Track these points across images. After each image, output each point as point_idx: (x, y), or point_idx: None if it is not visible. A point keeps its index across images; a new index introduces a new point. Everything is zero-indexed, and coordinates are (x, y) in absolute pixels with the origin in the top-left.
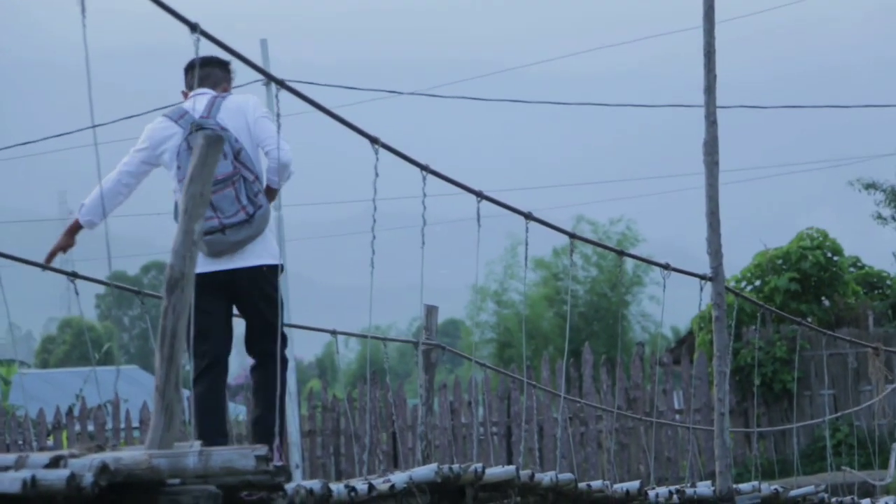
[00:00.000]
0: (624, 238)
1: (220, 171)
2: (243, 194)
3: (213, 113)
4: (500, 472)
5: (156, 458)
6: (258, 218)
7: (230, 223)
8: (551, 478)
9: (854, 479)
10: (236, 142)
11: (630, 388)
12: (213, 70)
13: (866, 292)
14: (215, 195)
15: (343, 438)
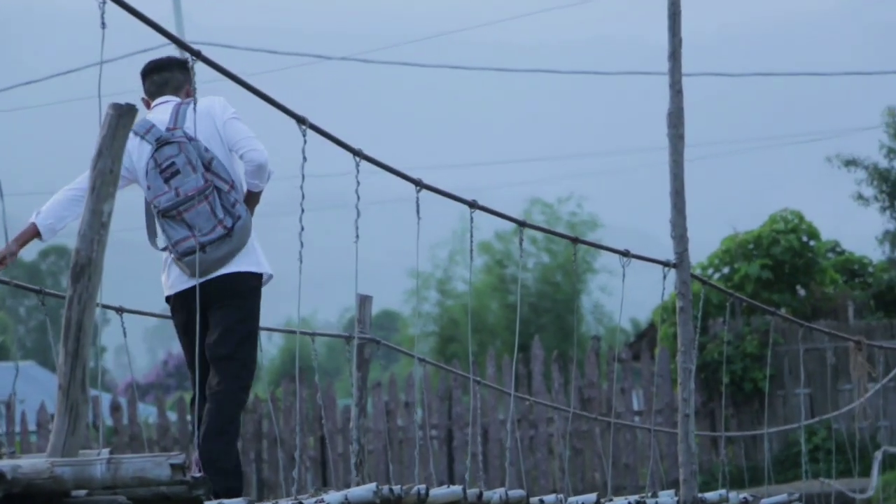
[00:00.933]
0: (575, 219)
1: (190, 186)
2: (219, 207)
3: (178, 122)
4: (446, 494)
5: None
6: (238, 230)
7: (208, 240)
8: (500, 496)
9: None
10: (206, 151)
11: (584, 387)
12: (173, 74)
13: (846, 280)
14: (188, 213)
15: (266, 443)
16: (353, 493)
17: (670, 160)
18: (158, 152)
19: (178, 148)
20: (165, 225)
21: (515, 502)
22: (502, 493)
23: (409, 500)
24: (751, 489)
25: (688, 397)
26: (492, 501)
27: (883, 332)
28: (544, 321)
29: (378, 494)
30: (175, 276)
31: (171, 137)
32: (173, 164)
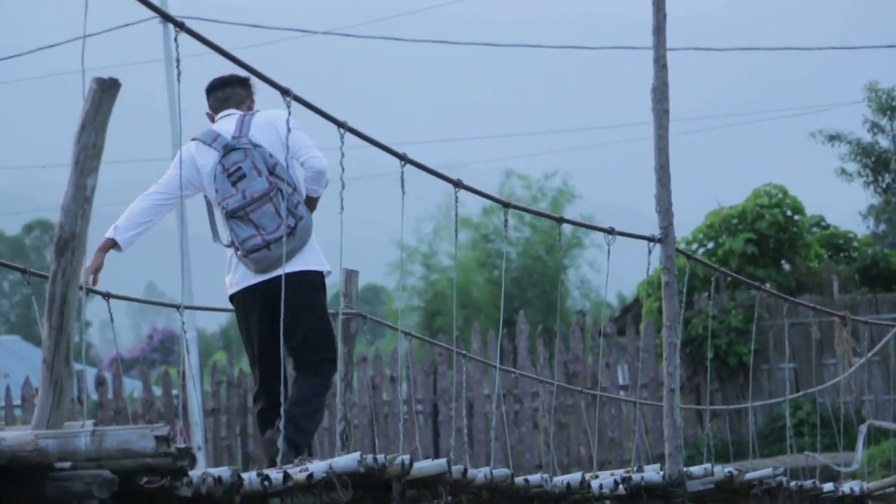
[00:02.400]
0: (560, 195)
1: (256, 189)
2: (282, 208)
3: (244, 132)
4: (430, 467)
5: (43, 440)
6: (300, 230)
7: (273, 238)
8: (486, 474)
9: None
10: (270, 157)
11: (570, 362)
12: (235, 90)
13: (831, 255)
14: (254, 213)
15: (250, 418)
16: (337, 463)
17: (655, 135)
18: (226, 158)
19: (244, 154)
20: (233, 224)
21: (500, 481)
22: (487, 471)
23: (393, 470)
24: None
25: (673, 372)
26: (476, 479)
27: (867, 306)
28: (530, 296)
29: (362, 464)
30: (241, 273)
31: (238, 144)
32: (240, 169)
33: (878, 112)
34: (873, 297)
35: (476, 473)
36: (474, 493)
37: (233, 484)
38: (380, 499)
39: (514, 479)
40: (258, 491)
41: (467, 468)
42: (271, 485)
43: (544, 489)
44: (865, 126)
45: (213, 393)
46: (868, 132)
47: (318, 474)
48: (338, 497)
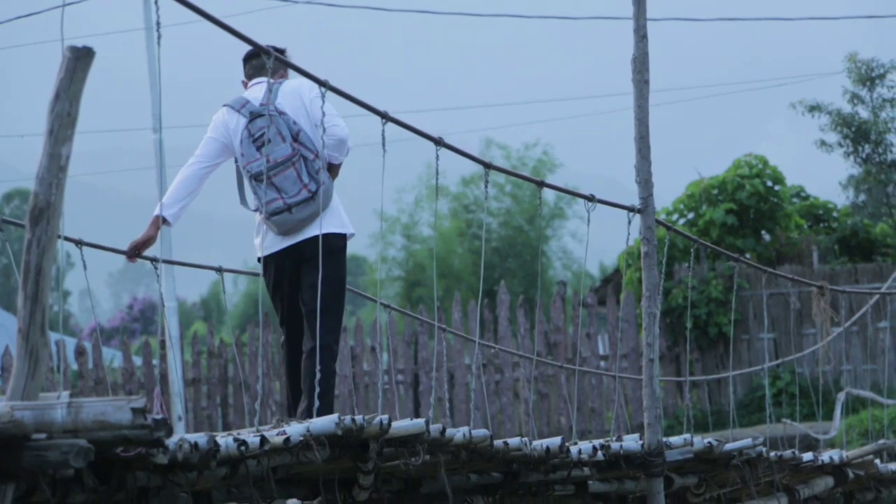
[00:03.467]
0: (541, 164)
1: (280, 154)
2: (304, 173)
3: (271, 99)
4: (408, 426)
5: (19, 411)
6: (321, 194)
7: (294, 202)
8: (464, 434)
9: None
10: (294, 124)
11: (550, 332)
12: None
13: (810, 226)
14: (277, 177)
15: (231, 387)
16: (315, 425)
17: (635, 105)
18: (252, 124)
19: (269, 120)
20: (257, 188)
21: (479, 441)
22: (465, 431)
23: (371, 430)
24: (715, 433)
25: (652, 342)
26: (455, 438)
27: (846, 276)
28: (511, 266)
29: (340, 426)
30: (269, 239)
31: (264, 111)
32: (264, 135)
33: (858, 83)
34: (852, 268)
35: (454, 433)
36: (452, 452)
37: (209, 450)
38: (357, 457)
39: (492, 440)
40: (234, 455)
41: (446, 428)
42: (248, 449)
43: (523, 452)
44: (846, 97)
45: (193, 363)
46: (848, 103)
47: (295, 437)
48: (314, 456)
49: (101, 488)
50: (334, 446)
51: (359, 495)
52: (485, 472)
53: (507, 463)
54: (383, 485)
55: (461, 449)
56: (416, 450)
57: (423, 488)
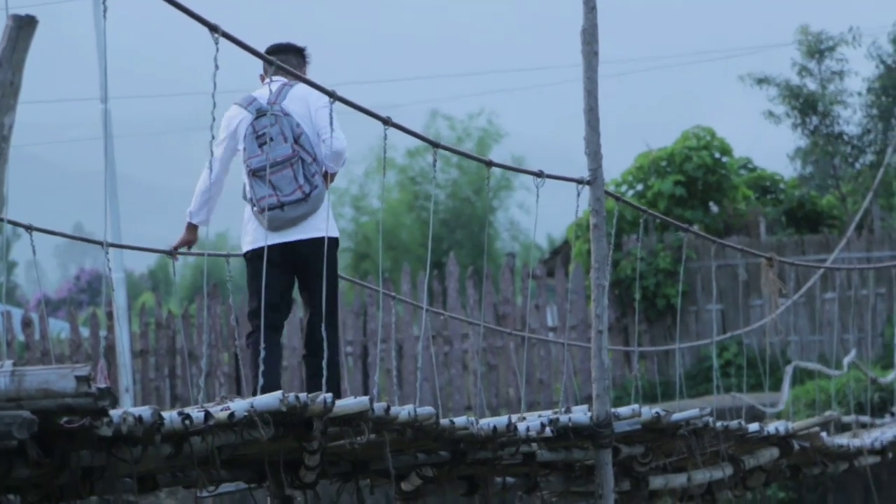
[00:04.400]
0: (486, 134)
1: (280, 154)
2: (301, 175)
3: (279, 99)
4: (352, 404)
5: None
6: (314, 197)
7: (288, 201)
8: (409, 412)
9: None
10: (297, 126)
11: (499, 304)
12: (289, 57)
13: (758, 197)
14: (274, 175)
15: (179, 359)
16: (259, 401)
17: (584, 77)
18: (257, 121)
19: (274, 119)
20: (254, 182)
21: (424, 419)
22: (410, 409)
23: (315, 408)
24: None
25: (601, 313)
26: (399, 417)
27: (794, 248)
28: (459, 237)
29: (284, 403)
30: (259, 232)
31: (270, 110)
32: (267, 133)
33: (807, 55)
34: (800, 239)
35: (399, 411)
36: (398, 430)
37: (153, 423)
38: (301, 436)
39: (438, 418)
40: (179, 430)
41: (390, 406)
42: (192, 424)
43: (470, 431)
44: (794, 69)
45: (141, 334)
46: (797, 75)
47: (240, 413)
48: (258, 434)
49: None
50: (279, 424)
51: (305, 476)
52: (432, 452)
53: (454, 441)
54: (330, 467)
55: (406, 427)
56: (361, 428)
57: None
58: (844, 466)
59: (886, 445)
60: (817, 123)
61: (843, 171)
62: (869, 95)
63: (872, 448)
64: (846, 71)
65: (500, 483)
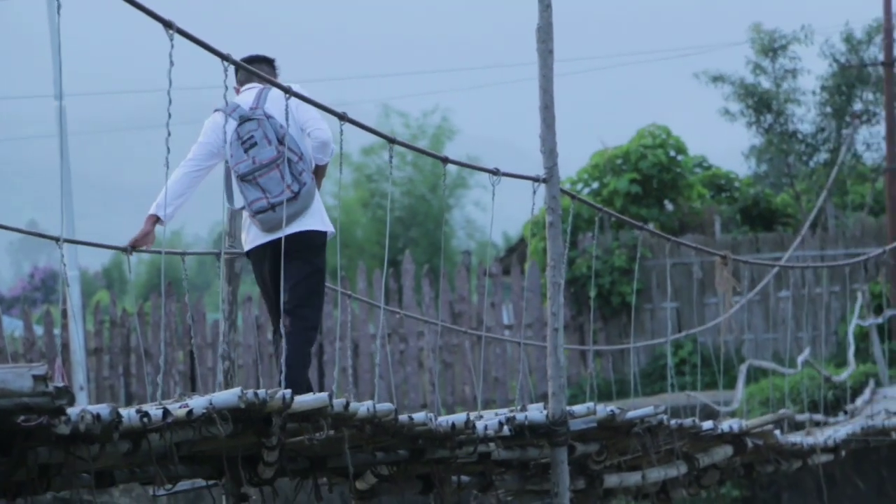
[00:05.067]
0: (441, 131)
1: (265, 156)
2: (288, 174)
3: (260, 104)
4: (311, 401)
5: None
6: (303, 194)
7: (277, 202)
8: (368, 408)
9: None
10: (281, 127)
11: (455, 302)
12: (261, 66)
13: (713, 195)
14: (262, 178)
15: (134, 357)
16: (217, 398)
17: (539, 75)
18: (241, 127)
19: (257, 124)
20: (243, 187)
21: (383, 416)
22: (370, 405)
23: (273, 404)
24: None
25: (557, 311)
26: (358, 413)
27: (748, 246)
28: (414, 235)
29: (243, 399)
30: (254, 233)
31: (253, 115)
32: (252, 137)
33: (761, 53)
34: (754, 237)
35: (358, 407)
36: (356, 426)
37: (112, 421)
38: (260, 432)
39: (397, 415)
40: (137, 427)
41: (350, 402)
42: (150, 421)
43: (428, 427)
44: (748, 67)
45: (95, 332)
46: (751, 73)
47: (198, 410)
48: (217, 431)
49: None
50: (237, 421)
51: (264, 472)
52: (391, 450)
53: (413, 439)
54: (289, 463)
55: (365, 423)
56: (320, 424)
57: (328, 466)
58: (798, 464)
59: (839, 443)
60: (772, 122)
61: (797, 169)
62: (822, 94)
63: (826, 446)
64: (799, 69)
65: (456, 482)
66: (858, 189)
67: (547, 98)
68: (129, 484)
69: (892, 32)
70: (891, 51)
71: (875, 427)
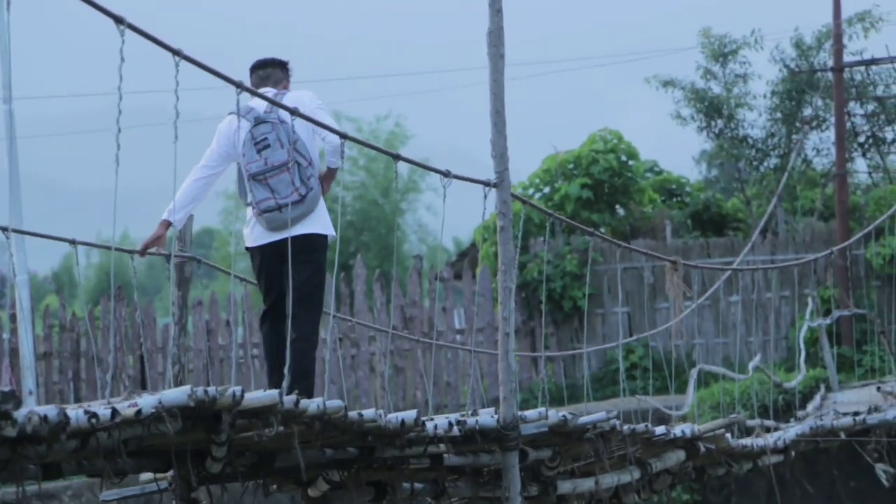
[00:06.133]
0: (394, 136)
1: (277, 159)
2: (297, 178)
3: (274, 108)
4: (262, 398)
5: None
6: (309, 198)
7: (284, 203)
8: (318, 405)
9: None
10: (293, 132)
11: (406, 306)
12: (275, 70)
13: (664, 200)
14: (272, 179)
15: (84, 362)
16: (167, 396)
17: (490, 80)
18: (255, 128)
19: (271, 127)
20: (253, 186)
21: (333, 412)
22: (320, 401)
23: (223, 401)
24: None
25: (508, 316)
26: (308, 410)
27: (699, 251)
28: (366, 240)
29: (192, 397)
30: (258, 231)
31: (267, 118)
32: (266, 139)
33: (711, 58)
34: (705, 242)
35: (308, 404)
36: (306, 423)
37: (59, 422)
38: (209, 428)
39: (347, 411)
40: (85, 428)
41: (300, 399)
42: (99, 421)
43: (378, 424)
44: (699, 72)
45: (44, 337)
46: (701, 78)
47: (147, 409)
48: (166, 428)
49: None
50: (187, 418)
51: (212, 467)
52: (340, 447)
53: (362, 436)
54: (237, 458)
55: (315, 420)
56: (270, 421)
57: (277, 462)
58: (749, 466)
59: (789, 444)
60: (722, 127)
61: (747, 174)
62: (773, 99)
63: (776, 447)
64: (750, 74)
65: (409, 489)
66: (808, 194)
67: (498, 102)
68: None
69: (841, 38)
70: (840, 56)
71: (824, 427)
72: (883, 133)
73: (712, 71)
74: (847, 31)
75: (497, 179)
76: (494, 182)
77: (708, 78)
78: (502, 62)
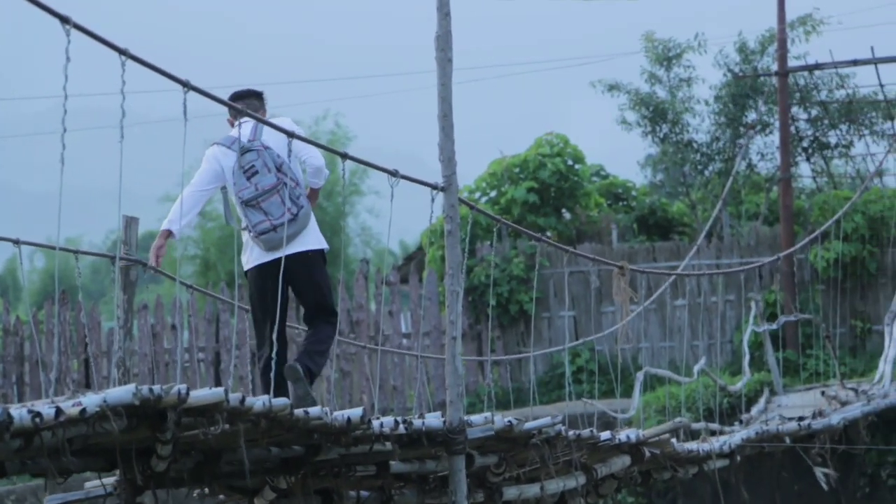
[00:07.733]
0: (335, 137)
1: (266, 183)
2: (287, 198)
3: (257, 136)
4: (207, 395)
5: None
6: (301, 216)
7: (279, 223)
8: (264, 402)
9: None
10: (278, 157)
11: (353, 310)
12: (251, 101)
13: (610, 204)
14: (264, 203)
15: (28, 366)
16: (111, 395)
17: (438, 84)
18: (242, 157)
19: (257, 154)
20: (247, 211)
21: (279, 410)
22: (265, 399)
23: (169, 399)
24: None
25: (455, 320)
26: (254, 407)
27: (645, 255)
28: None
29: (137, 396)
30: (256, 253)
31: (252, 146)
32: (253, 166)
33: (656, 63)
34: (651, 246)
35: (254, 401)
36: (252, 421)
37: (2, 421)
38: (155, 427)
39: (293, 409)
40: (29, 427)
41: (245, 396)
42: (42, 420)
43: (324, 422)
44: (643, 76)
45: None
46: (646, 82)
47: (92, 408)
48: (110, 427)
49: None
50: (132, 416)
51: (157, 466)
52: (286, 446)
53: (309, 434)
54: (182, 456)
55: (261, 418)
56: (216, 419)
57: (222, 460)
58: (694, 470)
59: (735, 448)
60: (667, 131)
61: (692, 178)
62: (717, 103)
63: (721, 451)
64: (694, 78)
65: (355, 497)
66: (753, 198)
67: (445, 106)
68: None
69: (786, 43)
70: (785, 61)
71: (770, 432)
72: (826, 137)
73: (657, 75)
74: (789, 35)
75: (445, 183)
76: (442, 185)
77: (653, 82)
78: (450, 66)
